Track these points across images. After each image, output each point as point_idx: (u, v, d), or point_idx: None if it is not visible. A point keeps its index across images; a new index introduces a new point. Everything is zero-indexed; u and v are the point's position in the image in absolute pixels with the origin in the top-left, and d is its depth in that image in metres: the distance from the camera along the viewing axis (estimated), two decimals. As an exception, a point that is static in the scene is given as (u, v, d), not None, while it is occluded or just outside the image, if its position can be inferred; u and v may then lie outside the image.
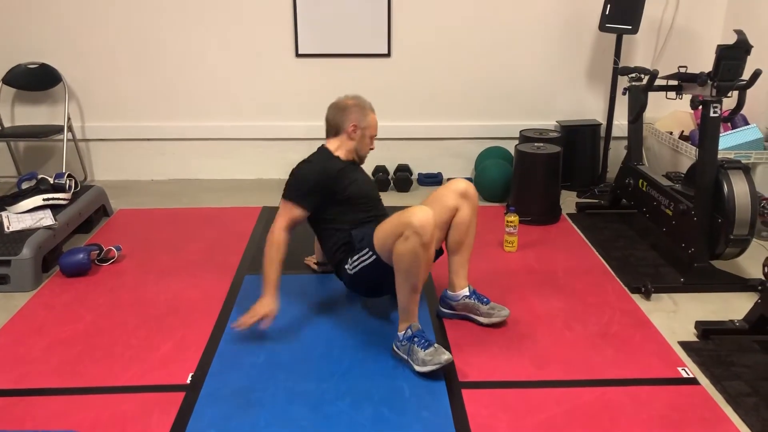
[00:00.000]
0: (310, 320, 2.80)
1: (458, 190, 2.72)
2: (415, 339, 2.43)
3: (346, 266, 2.68)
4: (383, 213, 2.82)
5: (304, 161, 2.78)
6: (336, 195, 2.71)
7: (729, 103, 3.05)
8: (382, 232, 2.50)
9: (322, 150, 2.83)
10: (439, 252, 2.79)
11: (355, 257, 2.63)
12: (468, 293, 2.76)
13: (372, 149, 2.89)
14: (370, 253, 2.56)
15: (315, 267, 3.23)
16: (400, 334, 2.48)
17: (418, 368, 2.40)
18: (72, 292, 3.06)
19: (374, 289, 2.78)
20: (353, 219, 2.73)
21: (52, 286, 3.12)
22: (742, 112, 3.18)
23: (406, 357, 2.46)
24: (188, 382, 2.38)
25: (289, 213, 2.68)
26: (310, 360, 2.51)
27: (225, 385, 2.35)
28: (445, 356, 2.37)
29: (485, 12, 4.38)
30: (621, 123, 4.23)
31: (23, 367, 2.48)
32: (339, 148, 2.81)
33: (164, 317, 2.83)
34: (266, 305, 2.58)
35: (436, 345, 2.42)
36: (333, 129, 2.82)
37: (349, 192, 2.73)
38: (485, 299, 2.76)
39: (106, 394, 2.32)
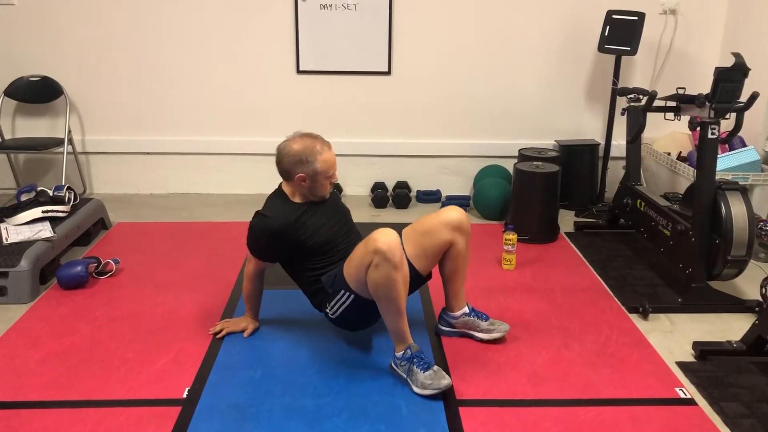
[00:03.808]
0: (308, 336, 2.79)
1: (452, 223, 2.60)
2: (415, 360, 2.41)
3: (327, 311, 2.61)
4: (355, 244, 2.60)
5: (260, 214, 2.59)
6: (301, 244, 2.57)
7: (727, 124, 3.07)
8: (351, 266, 2.44)
9: (278, 194, 2.68)
10: (427, 277, 2.72)
11: (333, 302, 2.55)
12: (467, 311, 2.75)
13: (334, 182, 2.68)
14: (347, 293, 2.49)
15: None
16: (399, 354, 2.46)
17: (417, 390, 2.38)
18: (69, 304, 3.05)
19: (360, 324, 2.71)
20: (325, 263, 2.60)
21: (49, 298, 3.12)
22: (740, 134, 3.20)
23: (405, 376, 2.44)
24: (184, 396, 2.37)
25: (254, 262, 2.68)
26: (307, 376, 2.50)
27: (221, 400, 2.34)
28: (445, 381, 2.36)
29: (485, 31, 4.42)
30: (619, 143, 4.25)
31: (19, 379, 2.47)
32: (294, 193, 2.65)
33: (161, 331, 2.82)
34: (250, 321, 2.81)
35: (435, 368, 2.41)
36: (284, 174, 2.65)
37: (313, 242, 2.57)
38: (484, 316, 2.75)
39: (101, 408, 2.30)
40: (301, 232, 2.57)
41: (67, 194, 3.65)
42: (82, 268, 3.20)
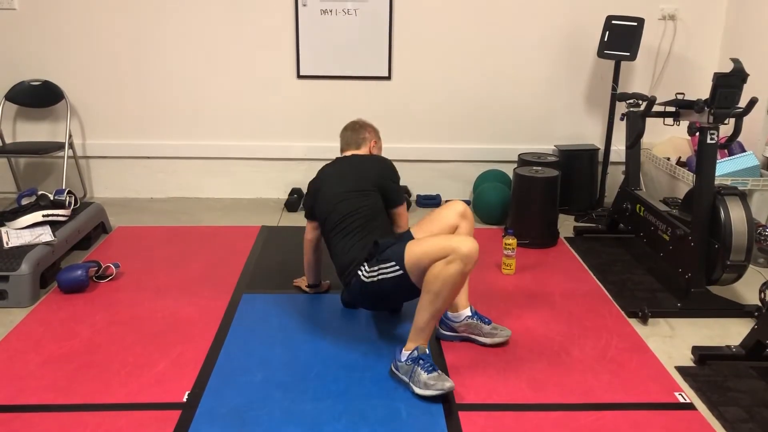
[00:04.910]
0: (307, 340, 2.79)
1: (457, 210, 2.82)
2: (421, 361, 2.42)
3: (361, 271, 2.62)
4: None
5: (370, 156, 3.08)
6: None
7: (726, 130, 3.08)
8: (419, 250, 2.46)
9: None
10: None
11: (375, 266, 2.57)
12: (470, 313, 2.76)
13: None
14: (397, 267, 2.51)
15: (306, 289, 3.22)
16: (405, 353, 2.47)
17: (418, 391, 2.39)
18: (69, 308, 3.05)
19: (380, 303, 2.76)
20: (380, 225, 2.79)
21: (49, 302, 3.12)
22: (739, 139, 3.21)
23: (406, 379, 2.45)
24: (184, 400, 2.37)
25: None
26: (307, 380, 2.50)
27: (221, 404, 2.35)
28: (448, 383, 2.37)
29: (485, 37, 4.43)
30: (619, 148, 4.26)
31: (19, 383, 2.47)
32: None
33: (161, 335, 2.82)
34: None
35: (440, 371, 2.42)
36: (354, 143, 3.09)
37: None
38: (487, 320, 2.77)
39: (101, 411, 2.31)
40: None
41: (67, 198, 3.65)
42: (83, 272, 3.20)
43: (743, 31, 4.24)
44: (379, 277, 2.57)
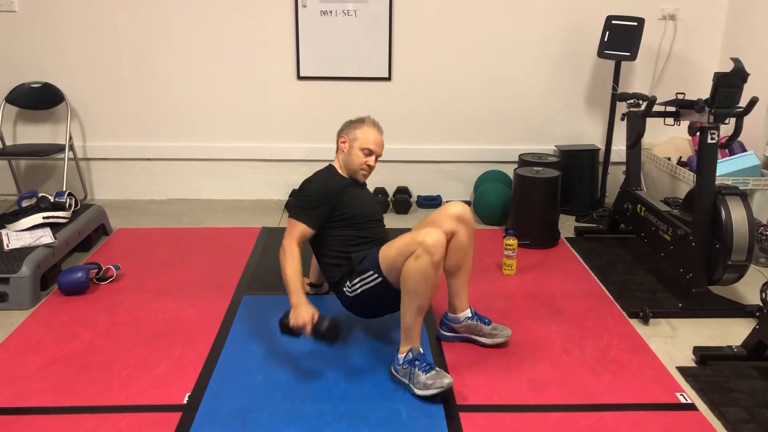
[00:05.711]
0: (308, 341, 2.78)
1: (454, 215, 2.67)
2: (416, 362, 2.42)
3: (345, 288, 2.66)
4: (384, 234, 2.83)
5: (307, 180, 2.79)
6: (337, 212, 2.71)
7: (726, 129, 3.07)
8: (390, 252, 2.48)
9: (328, 168, 2.87)
10: None
11: (356, 280, 2.60)
12: (470, 314, 2.75)
13: (369, 165, 2.83)
14: (375, 275, 2.53)
15: (308, 288, 3.22)
16: (401, 356, 2.47)
17: (419, 392, 2.38)
18: (70, 310, 3.05)
19: (374, 311, 2.75)
20: (354, 239, 2.71)
21: (50, 304, 3.12)
22: (740, 138, 3.20)
23: (406, 381, 2.44)
24: (185, 402, 2.37)
25: (295, 231, 2.65)
26: (307, 381, 2.50)
27: (222, 406, 2.34)
28: (447, 380, 2.37)
29: (485, 37, 4.43)
30: (619, 148, 4.25)
31: (20, 385, 2.47)
32: (340, 165, 2.86)
33: (162, 337, 2.82)
34: (303, 312, 2.43)
35: (437, 369, 2.42)
36: (337, 142, 2.90)
37: (349, 210, 2.72)
38: (487, 320, 2.76)
39: (102, 413, 2.31)
40: (342, 199, 2.73)
41: (68, 200, 3.65)
42: (83, 274, 3.20)
43: (743, 30, 4.23)
44: (361, 288, 2.59)
